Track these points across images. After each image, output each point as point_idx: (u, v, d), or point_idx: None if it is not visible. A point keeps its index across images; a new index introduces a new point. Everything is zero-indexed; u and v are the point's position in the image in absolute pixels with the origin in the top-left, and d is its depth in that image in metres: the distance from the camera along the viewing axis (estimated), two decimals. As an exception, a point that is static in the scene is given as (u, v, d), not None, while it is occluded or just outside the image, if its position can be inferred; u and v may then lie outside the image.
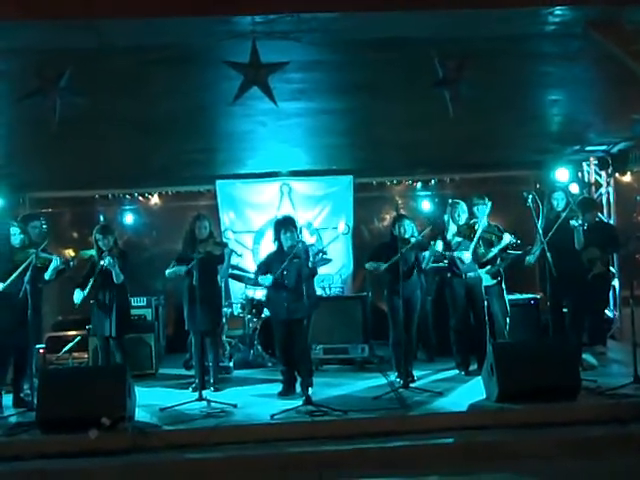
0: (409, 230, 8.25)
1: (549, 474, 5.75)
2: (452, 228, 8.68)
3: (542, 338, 9.18)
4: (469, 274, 8.58)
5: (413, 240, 8.16)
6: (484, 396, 7.27)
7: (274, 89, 6.48)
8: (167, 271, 8.24)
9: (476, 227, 8.58)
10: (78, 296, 8.01)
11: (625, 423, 6.43)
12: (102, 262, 7.97)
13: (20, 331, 7.50)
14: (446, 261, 8.77)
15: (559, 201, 8.68)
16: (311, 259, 7.97)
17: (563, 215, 8.39)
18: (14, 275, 7.60)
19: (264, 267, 8.16)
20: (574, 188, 10.30)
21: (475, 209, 8.73)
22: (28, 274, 7.48)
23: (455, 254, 8.55)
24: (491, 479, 5.77)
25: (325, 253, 10.03)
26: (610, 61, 6.54)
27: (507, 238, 8.57)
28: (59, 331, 10.53)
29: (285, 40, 6.08)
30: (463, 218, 8.68)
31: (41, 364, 8.98)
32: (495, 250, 8.67)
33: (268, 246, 8.66)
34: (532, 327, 9.75)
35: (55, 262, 7.84)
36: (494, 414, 6.78)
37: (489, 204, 8.74)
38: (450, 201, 8.98)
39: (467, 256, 8.49)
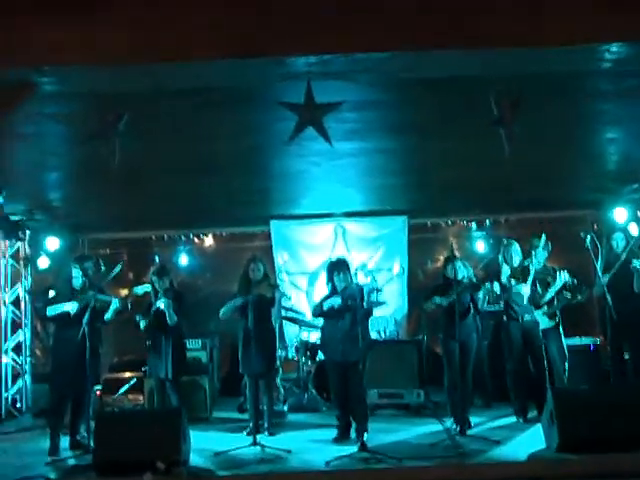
0: (461, 271, 8.12)
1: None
2: (505, 269, 8.51)
3: (604, 385, 8.91)
4: (525, 317, 8.39)
5: (466, 280, 8.03)
6: (544, 445, 7.06)
7: (328, 129, 6.48)
8: (220, 311, 8.22)
9: (530, 268, 8.39)
10: (143, 323, 8.11)
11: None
12: (158, 303, 8.01)
13: (78, 373, 7.55)
14: (502, 303, 8.59)
15: (619, 242, 8.51)
16: (365, 298, 7.89)
17: (623, 256, 8.21)
18: (80, 305, 7.71)
19: (319, 309, 8.10)
20: (633, 228, 10.08)
21: (534, 251, 8.52)
22: (86, 316, 7.54)
23: (513, 289, 8.35)
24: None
25: (380, 291, 9.96)
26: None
27: (563, 277, 8.36)
28: (115, 372, 10.59)
29: (339, 80, 6.09)
30: (516, 260, 8.52)
31: (98, 406, 9.03)
32: (552, 291, 8.48)
33: (322, 288, 8.61)
34: (592, 373, 9.50)
35: (115, 304, 7.91)
36: (555, 464, 6.57)
37: (545, 243, 8.55)
38: (504, 240, 8.82)
39: (525, 290, 8.29)
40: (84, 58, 5.50)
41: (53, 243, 10.98)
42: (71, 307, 7.81)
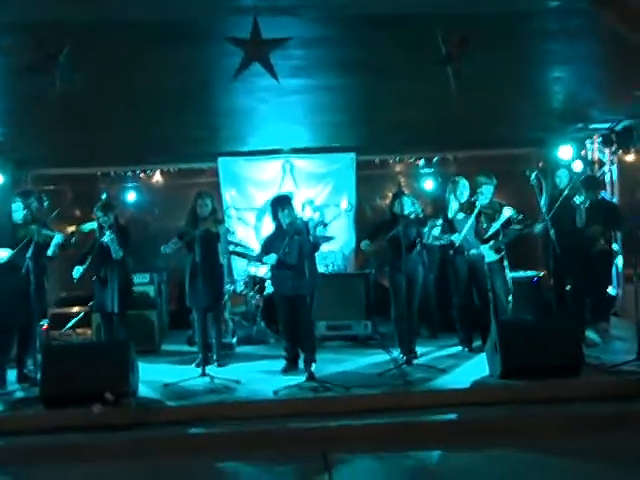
0: (408, 206, 8.21)
1: (552, 450, 5.76)
2: (454, 205, 8.65)
3: (545, 315, 9.19)
4: (471, 251, 8.54)
5: (412, 216, 8.14)
6: (487, 373, 7.30)
7: (275, 65, 6.45)
8: (162, 247, 8.16)
9: (477, 204, 8.52)
10: (77, 271, 8.02)
11: (628, 400, 6.44)
12: (102, 238, 7.97)
13: (23, 307, 7.51)
14: (442, 241, 8.71)
15: (562, 179, 8.66)
16: (312, 232, 7.94)
17: (566, 192, 8.37)
18: (17, 248, 7.59)
19: (266, 248, 8.15)
20: (577, 166, 10.28)
21: (482, 188, 8.63)
22: (30, 250, 7.48)
23: (444, 239, 8.50)
24: (494, 455, 5.79)
25: (326, 225, 10.03)
26: (614, 38, 6.49)
27: (508, 212, 8.48)
28: (62, 307, 10.54)
29: (286, 16, 6.04)
30: (465, 195, 8.64)
31: (45, 340, 9.01)
32: (497, 225, 8.61)
33: (270, 223, 8.64)
34: (535, 305, 9.77)
35: (57, 238, 7.84)
36: (497, 391, 6.81)
37: (495, 182, 8.68)
38: (452, 178, 8.93)
39: (457, 236, 8.44)
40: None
41: (-5, 178, 10.77)
42: (2, 254, 7.71)
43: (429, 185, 12.10)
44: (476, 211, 8.43)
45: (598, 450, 5.76)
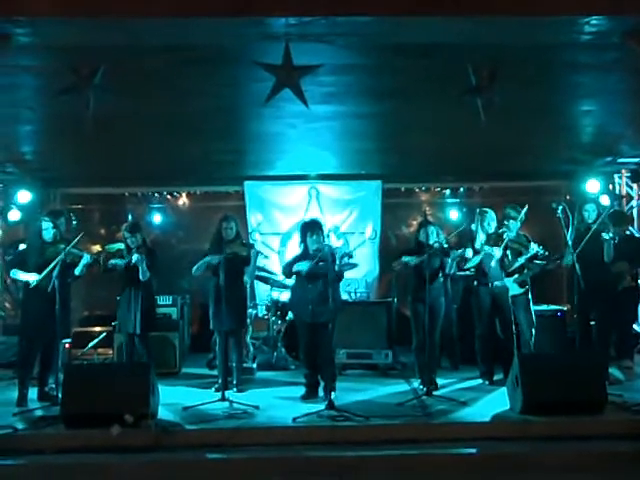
0: (433, 236, 8.20)
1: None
2: (481, 237, 8.60)
3: (569, 351, 9.10)
4: (495, 283, 8.48)
5: (437, 245, 8.11)
6: (508, 407, 7.20)
7: (305, 92, 6.47)
8: (194, 268, 8.23)
9: (504, 236, 8.49)
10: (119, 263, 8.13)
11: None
12: (131, 259, 8.01)
13: (48, 325, 7.56)
14: (473, 269, 8.68)
15: (590, 213, 8.60)
16: (337, 262, 7.94)
17: (594, 227, 8.31)
18: (46, 270, 7.64)
19: (289, 269, 8.15)
20: (605, 200, 10.22)
21: (509, 222, 8.59)
22: (57, 269, 7.54)
23: (485, 248, 8.44)
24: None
25: (351, 256, 10.00)
26: (645, 73, 6.48)
27: (534, 248, 8.47)
28: (85, 326, 10.59)
29: (318, 43, 6.06)
30: (492, 227, 8.59)
31: (67, 359, 9.05)
32: (522, 259, 8.57)
33: (294, 249, 8.67)
34: (558, 339, 9.67)
35: (86, 259, 7.88)
36: (518, 426, 6.72)
37: (523, 216, 8.64)
38: (479, 209, 8.88)
39: (497, 253, 8.38)
40: (56, 10, 5.44)
41: (25, 196, 10.92)
42: (31, 278, 7.76)
43: (454, 215, 12.09)
44: (503, 244, 8.39)
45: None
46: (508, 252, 8.55)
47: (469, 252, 8.32)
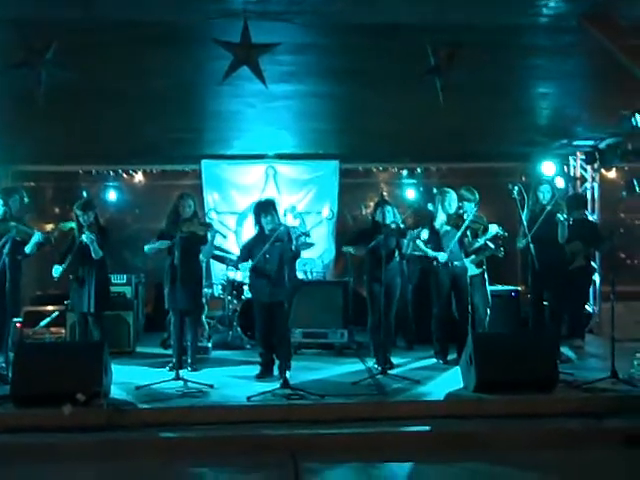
0: (390, 216, 8.22)
1: (524, 465, 5.76)
2: (441, 217, 8.61)
3: (521, 330, 9.22)
4: (455, 263, 8.52)
5: (394, 225, 8.12)
6: (462, 386, 7.28)
7: (264, 70, 6.42)
8: (146, 247, 8.16)
9: (465, 217, 8.52)
10: (57, 270, 7.91)
11: (601, 417, 6.46)
12: (81, 237, 7.90)
13: (-3, 303, 7.45)
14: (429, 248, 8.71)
15: (545, 194, 8.67)
16: (294, 242, 7.91)
17: (548, 208, 8.39)
18: None
19: (246, 252, 8.10)
20: (559, 182, 10.32)
21: (463, 204, 8.65)
22: (7, 247, 7.42)
23: (430, 254, 8.50)
24: (466, 468, 5.78)
25: (308, 235, 10.02)
26: (602, 56, 6.52)
27: (493, 229, 8.54)
28: (37, 305, 10.44)
29: (277, 21, 6.01)
30: (453, 207, 8.58)
31: (18, 338, 8.92)
32: (481, 241, 8.65)
33: (251, 228, 8.62)
34: (512, 319, 9.80)
35: (36, 236, 7.77)
36: (471, 404, 6.79)
37: (477, 198, 8.70)
38: (439, 189, 8.87)
39: (442, 256, 8.44)
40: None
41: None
42: None
43: (411, 195, 12.13)
44: (464, 225, 8.43)
45: (569, 466, 5.77)
46: (468, 233, 8.61)
47: (424, 233, 8.34)
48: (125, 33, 6.20)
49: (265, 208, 8.00)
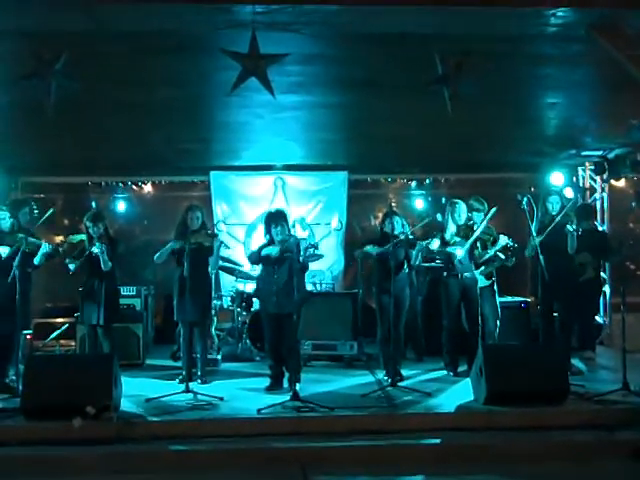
0: (398, 227, 8.20)
1: (535, 477, 5.73)
2: (451, 228, 8.57)
3: (532, 342, 9.16)
4: (465, 274, 8.48)
5: (402, 236, 8.10)
6: (472, 398, 7.24)
7: (272, 81, 6.43)
8: (156, 255, 8.15)
9: (475, 228, 8.50)
10: (73, 264, 7.96)
11: (612, 429, 6.41)
12: (92, 249, 7.90)
13: (7, 316, 7.43)
14: (439, 260, 8.70)
15: (554, 205, 8.64)
16: (302, 253, 7.90)
17: (557, 219, 8.36)
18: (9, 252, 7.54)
19: (255, 257, 8.11)
20: (568, 192, 10.29)
21: (472, 214, 8.63)
22: (17, 259, 7.42)
23: (448, 249, 8.45)
24: (476, 481, 5.76)
25: (317, 247, 9.98)
26: (610, 65, 6.52)
27: (503, 240, 8.51)
28: (47, 318, 10.45)
29: (285, 32, 6.03)
30: (463, 218, 8.55)
31: (27, 350, 8.92)
32: (491, 252, 8.60)
33: (260, 240, 8.61)
34: (522, 330, 9.73)
35: (44, 248, 7.76)
36: (481, 416, 6.75)
37: (487, 209, 8.67)
38: (450, 201, 8.83)
39: (459, 253, 8.40)
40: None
41: (-17, 185, 10.74)
42: (2, 251, 7.65)
43: (420, 206, 12.13)
44: (474, 236, 8.40)
45: (579, 478, 5.75)
46: (478, 244, 8.58)
47: (434, 243, 8.31)
48: (133, 44, 6.24)
49: (276, 218, 8.00)
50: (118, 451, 6.07)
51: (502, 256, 8.69)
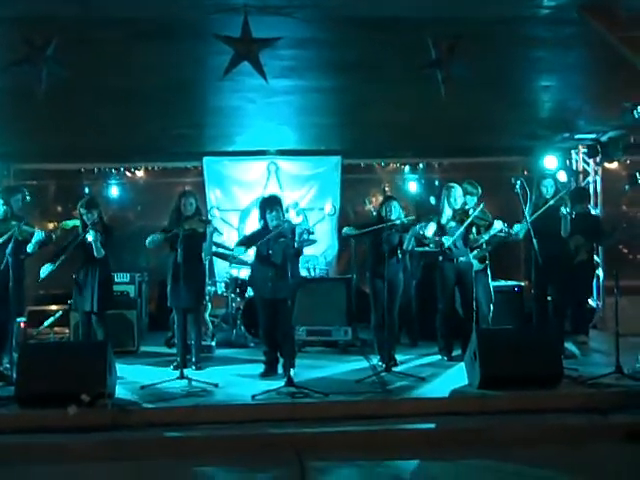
0: (396, 212, 8.19)
1: (528, 461, 5.73)
2: (447, 212, 8.56)
3: (525, 326, 9.19)
4: (461, 258, 8.47)
5: (398, 222, 8.09)
6: (466, 382, 7.26)
7: (264, 65, 6.40)
8: (148, 240, 8.11)
9: (470, 212, 8.48)
10: (45, 270, 7.88)
11: (605, 412, 6.44)
12: (85, 236, 7.87)
13: (1, 304, 7.42)
14: (432, 245, 8.68)
15: (548, 188, 8.63)
16: (297, 239, 7.88)
17: (551, 202, 8.35)
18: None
19: (245, 239, 8.12)
20: (562, 176, 10.28)
21: (466, 197, 8.62)
22: (10, 246, 7.40)
23: (433, 239, 8.42)
24: (471, 465, 5.76)
25: (311, 233, 9.96)
26: (603, 47, 6.50)
27: (498, 225, 8.49)
28: (41, 305, 10.43)
29: (277, 15, 6.00)
30: (459, 202, 8.54)
31: (21, 338, 8.91)
32: (486, 236, 8.60)
33: (254, 225, 8.61)
34: (516, 314, 9.76)
35: (38, 235, 7.72)
36: (476, 400, 6.77)
37: (480, 192, 8.67)
38: (446, 185, 8.80)
39: (430, 232, 8.34)
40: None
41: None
42: None
43: (413, 191, 12.12)
44: (469, 220, 8.39)
45: (574, 462, 5.74)
46: (473, 228, 8.57)
47: (430, 227, 8.30)
48: (125, 30, 6.20)
49: (271, 204, 8.00)
50: (113, 438, 6.07)
51: (501, 234, 8.63)
